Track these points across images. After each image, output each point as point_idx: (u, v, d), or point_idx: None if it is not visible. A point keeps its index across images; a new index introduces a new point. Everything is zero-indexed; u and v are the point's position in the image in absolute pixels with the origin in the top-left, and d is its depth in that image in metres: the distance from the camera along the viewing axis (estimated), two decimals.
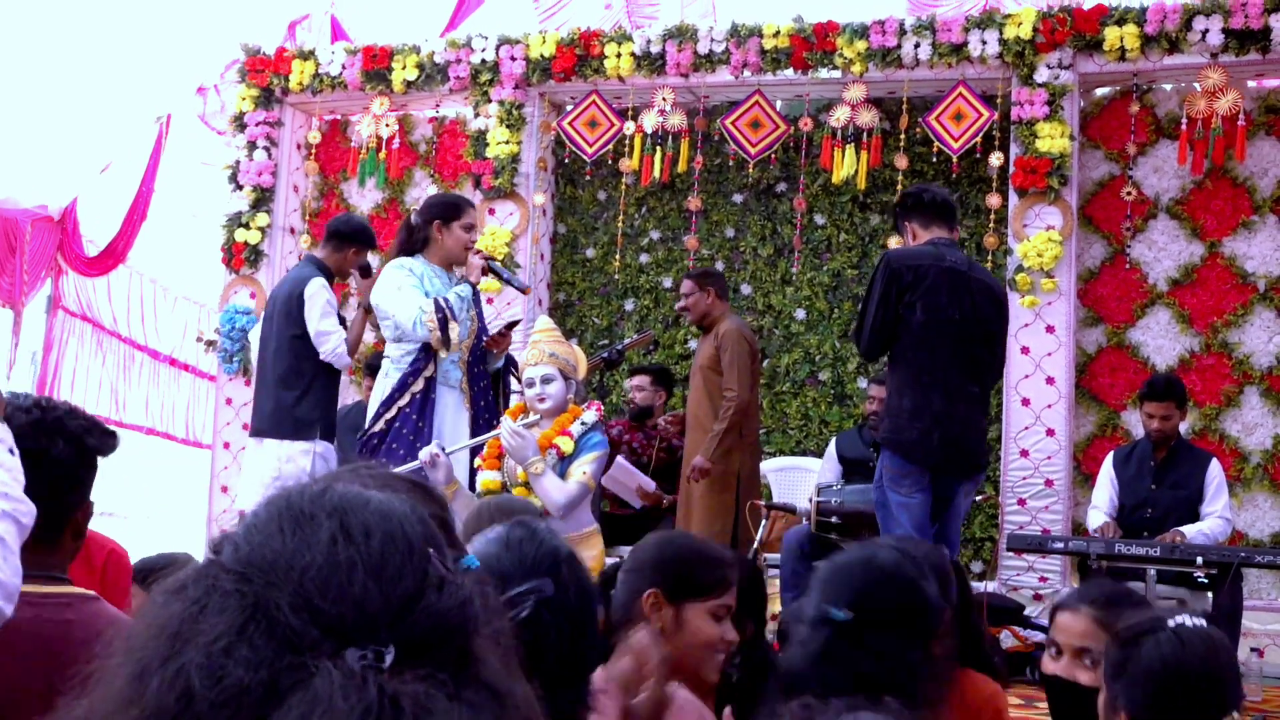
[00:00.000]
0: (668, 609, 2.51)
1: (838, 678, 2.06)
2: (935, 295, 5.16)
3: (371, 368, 6.86)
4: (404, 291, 5.20)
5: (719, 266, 8.51)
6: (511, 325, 5.57)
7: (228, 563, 1.02)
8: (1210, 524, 6.10)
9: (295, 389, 5.91)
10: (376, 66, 8.61)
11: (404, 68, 8.53)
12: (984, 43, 7.48)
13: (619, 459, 6.58)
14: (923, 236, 5.32)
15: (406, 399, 5.24)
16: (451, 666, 1.01)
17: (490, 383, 5.52)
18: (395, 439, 5.20)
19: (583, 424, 4.77)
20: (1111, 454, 6.59)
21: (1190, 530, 6.02)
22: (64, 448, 2.17)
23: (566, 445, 4.73)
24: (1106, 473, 6.49)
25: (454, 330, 5.17)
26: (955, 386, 5.18)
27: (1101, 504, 6.44)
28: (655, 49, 8.07)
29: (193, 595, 1.00)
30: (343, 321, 6.06)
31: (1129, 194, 7.65)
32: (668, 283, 8.67)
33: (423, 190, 8.96)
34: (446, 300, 5.18)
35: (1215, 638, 2.19)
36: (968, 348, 5.20)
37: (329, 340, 5.87)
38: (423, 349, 5.24)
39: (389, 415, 5.25)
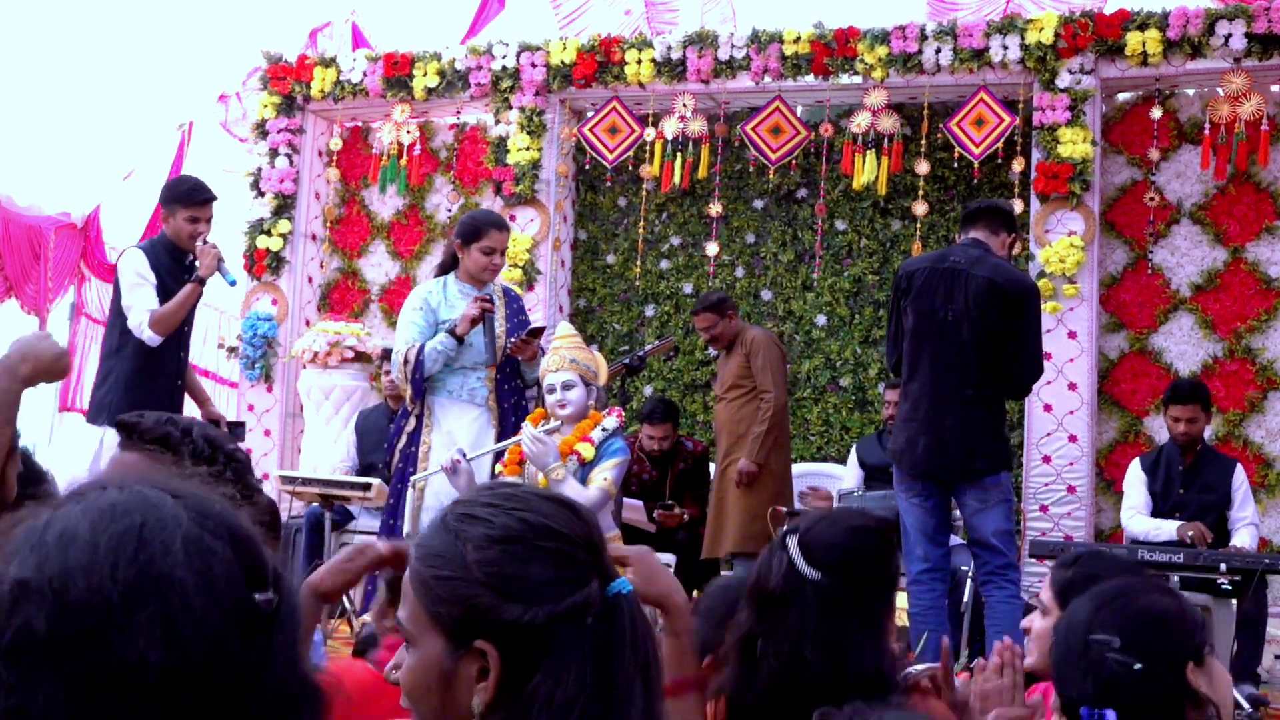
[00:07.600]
0: None
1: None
2: (926, 298, 5.18)
3: None
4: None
5: (739, 272, 8.54)
6: (534, 332, 5.49)
7: (40, 630, 0.90)
8: (1247, 533, 6.05)
9: (103, 369, 5.57)
10: (398, 73, 8.63)
11: (425, 75, 8.55)
12: (1005, 48, 7.46)
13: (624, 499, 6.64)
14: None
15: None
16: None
17: (521, 398, 5.48)
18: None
19: (604, 430, 4.73)
20: (1137, 460, 6.51)
21: (1234, 544, 6.00)
22: None
23: (587, 451, 4.70)
24: (1137, 476, 6.38)
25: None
26: (944, 392, 5.14)
27: (1139, 505, 6.29)
28: (676, 55, 8.08)
29: (8, 681, 0.90)
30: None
31: (1151, 199, 7.62)
32: (688, 289, 8.66)
33: (443, 196, 8.99)
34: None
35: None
36: (961, 349, 5.12)
37: (133, 313, 5.40)
38: None
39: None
